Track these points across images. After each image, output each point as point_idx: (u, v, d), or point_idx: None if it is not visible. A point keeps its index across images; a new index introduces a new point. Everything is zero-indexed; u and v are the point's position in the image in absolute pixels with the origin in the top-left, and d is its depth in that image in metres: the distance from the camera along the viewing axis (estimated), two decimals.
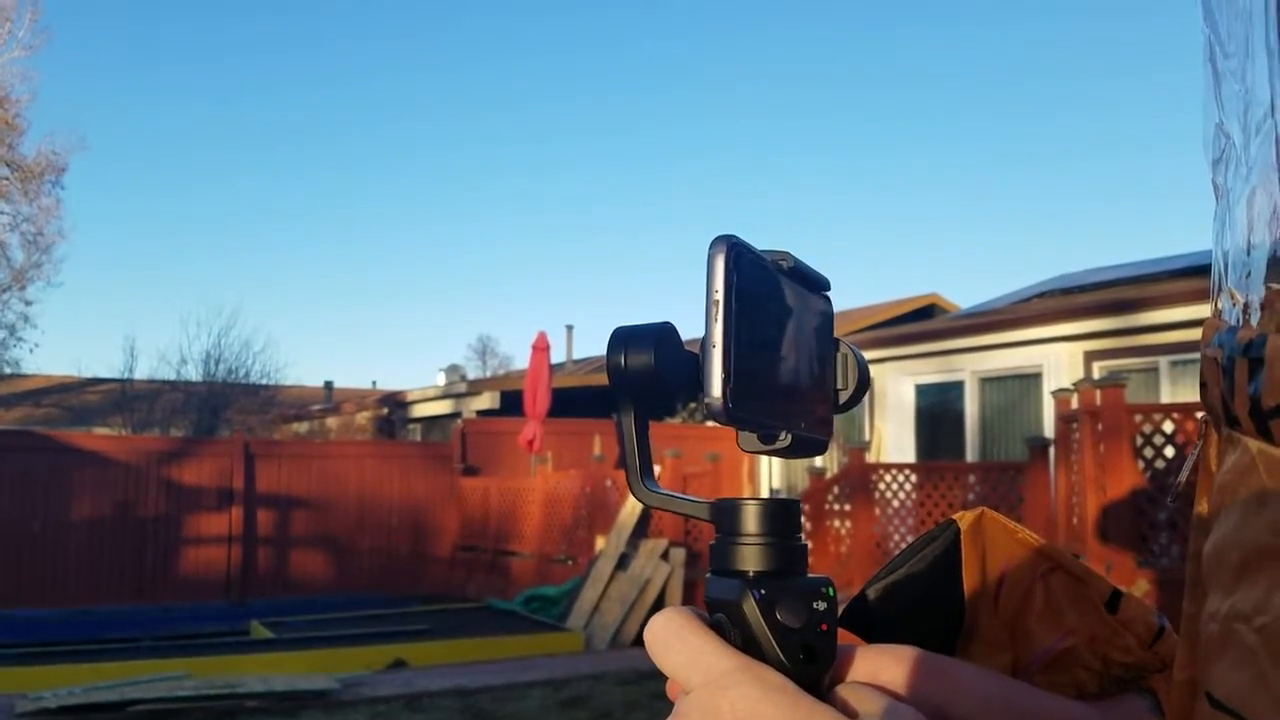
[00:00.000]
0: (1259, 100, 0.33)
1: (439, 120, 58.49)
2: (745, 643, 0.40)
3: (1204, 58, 0.37)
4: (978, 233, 69.04)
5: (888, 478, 9.18)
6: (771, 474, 14.03)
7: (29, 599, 11.84)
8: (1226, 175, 0.36)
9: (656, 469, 0.45)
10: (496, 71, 59.54)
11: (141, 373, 23.81)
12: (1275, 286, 0.33)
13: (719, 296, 0.40)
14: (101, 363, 55.19)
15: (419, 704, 6.96)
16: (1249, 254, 0.34)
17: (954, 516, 0.47)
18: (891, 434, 12.37)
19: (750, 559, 0.42)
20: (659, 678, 0.42)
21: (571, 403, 14.69)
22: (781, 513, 0.43)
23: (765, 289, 0.43)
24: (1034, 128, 64.11)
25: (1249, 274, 0.34)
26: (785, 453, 0.45)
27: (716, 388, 0.39)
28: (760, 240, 0.43)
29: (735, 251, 0.40)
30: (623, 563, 10.13)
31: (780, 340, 0.44)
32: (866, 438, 12.16)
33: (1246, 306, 0.34)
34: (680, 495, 0.44)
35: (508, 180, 63.39)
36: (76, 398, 26.11)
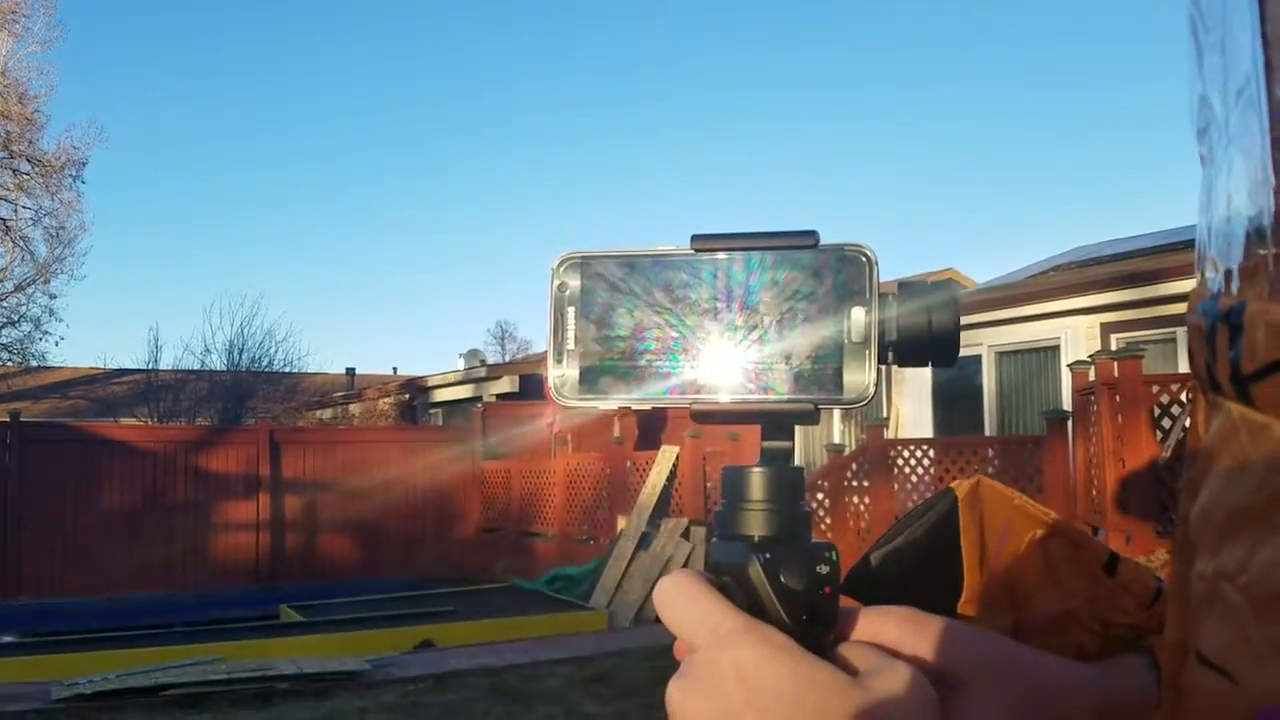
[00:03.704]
0: (1238, 73, 0.33)
1: (457, 107, 58.34)
2: (750, 605, 0.41)
3: (1187, 30, 0.38)
4: (994, 207, 68.30)
5: (906, 454, 9.16)
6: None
7: (62, 588, 12.03)
8: (1210, 146, 0.37)
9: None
10: (505, 63, 59.25)
11: (166, 363, 23.99)
12: (1260, 253, 0.34)
13: (547, 309, 0.45)
14: (126, 354, 55.81)
15: (447, 683, 7.05)
16: (1230, 223, 0.35)
17: (951, 484, 0.48)
18: (909, 410, 12.32)
19: (755, 524, 0.43)
20: None
21: None
22: (786, 479, 0.44)
23: (631, 283, 0.45)
24: (1047, 100, 63.19)
25: (1230, 243, 0.35)
26: (704, 419, 0.46)
27: (549, 383, 0.45)
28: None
29: (562, 268, 0.45)
30: (644, 542, 10.18)
31: (662, 321, 0.45)
32: (884, 414, 12.12)
33: (1229, 275, 0.35)
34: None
35: (524, 167, 63.24)
36: (103, 389, 26.37)
